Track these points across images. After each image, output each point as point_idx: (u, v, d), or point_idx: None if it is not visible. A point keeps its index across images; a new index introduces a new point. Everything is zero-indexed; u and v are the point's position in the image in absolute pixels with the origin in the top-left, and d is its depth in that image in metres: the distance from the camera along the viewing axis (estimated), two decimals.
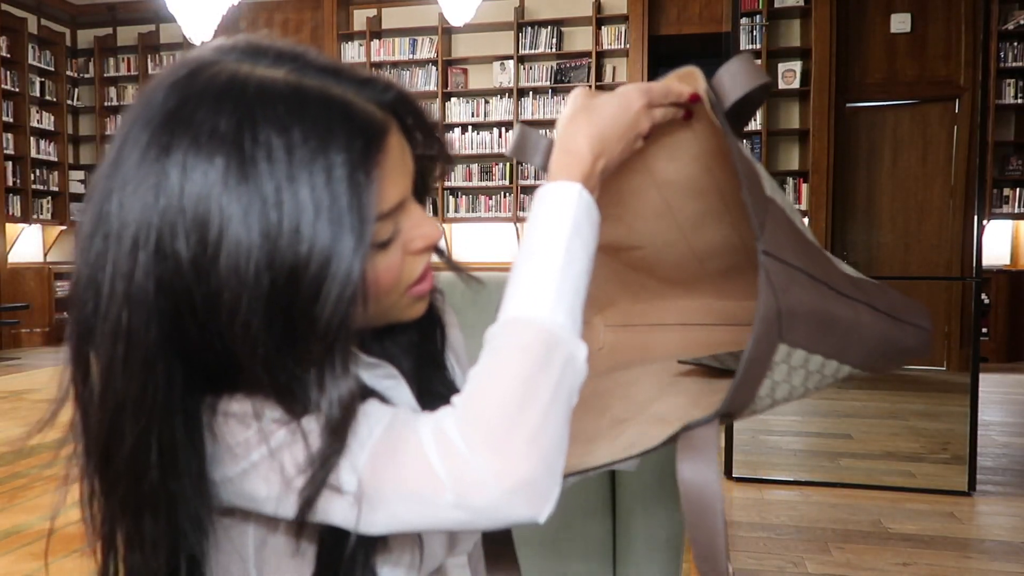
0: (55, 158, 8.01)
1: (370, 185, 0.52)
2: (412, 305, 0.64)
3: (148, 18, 7.87)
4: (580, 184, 0.59)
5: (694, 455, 0.59)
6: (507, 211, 7.14)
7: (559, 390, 0.53)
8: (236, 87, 0.51)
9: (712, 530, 0.58)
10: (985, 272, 5.36)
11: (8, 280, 7.40)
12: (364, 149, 0.52)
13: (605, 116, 0.61)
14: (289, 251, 0.50)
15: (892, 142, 5.66)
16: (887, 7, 5.49)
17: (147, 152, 0.52)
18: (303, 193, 0.50)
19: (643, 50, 6.71)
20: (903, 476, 3.13)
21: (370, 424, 0.54)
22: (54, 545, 2.47)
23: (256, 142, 0.50)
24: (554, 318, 0.54)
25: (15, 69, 7.53)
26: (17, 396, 4.95)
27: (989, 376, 5.11)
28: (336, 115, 0.52)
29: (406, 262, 0.60)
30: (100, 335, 0.54)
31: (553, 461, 0.52)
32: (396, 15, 7.34)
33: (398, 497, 0.52)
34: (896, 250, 5.67)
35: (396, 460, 0.52)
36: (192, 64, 0.54)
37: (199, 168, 0.50)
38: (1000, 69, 5.90)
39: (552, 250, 0.56)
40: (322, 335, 0.51)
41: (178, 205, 0.51)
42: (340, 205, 0.50)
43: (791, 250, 0.61)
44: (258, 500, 0.56)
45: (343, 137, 0.51)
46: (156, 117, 0.53)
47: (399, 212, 0.58)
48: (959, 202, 5.45)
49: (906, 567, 2.31)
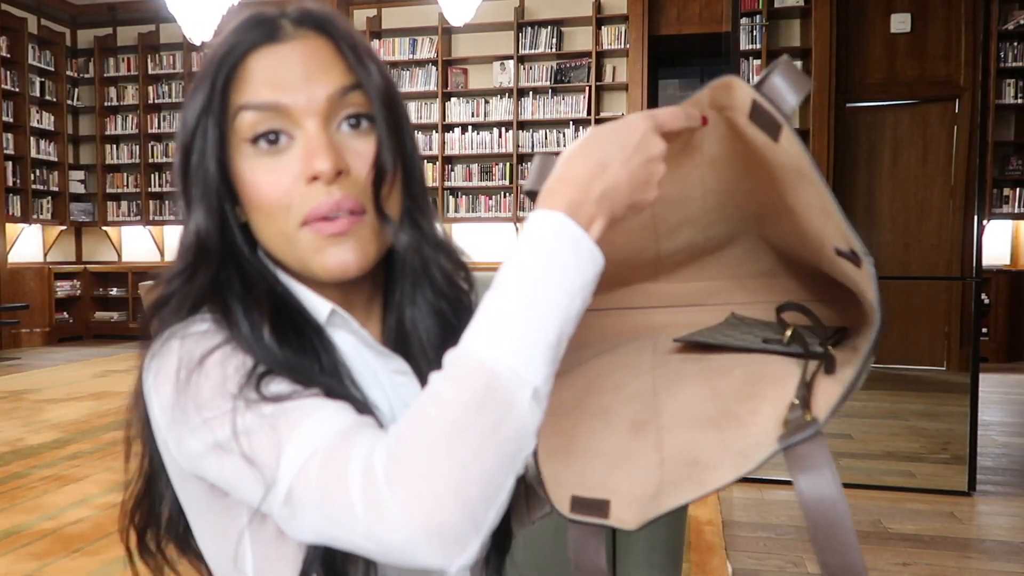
0: (55, 158, 8.01)
1: (238, 71, 0.62)
2: (322, 251, 0.62)
3: (148, 18, 7.87)
4: (563, 213, 0.53)
5: (811, 471, 0.52)
6: (507, 211, 7.15)
7: (495, 434, 0.49)
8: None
9: (847, 548, 0.51)
10: (985, 272, 5.36)
11: (8, 280, 7.40)
12: (243, 45, 0.62)
13: (605, 140, 0.56)
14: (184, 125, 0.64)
15: (892, 142, 5.66)
16: (887, 7, 5.50)
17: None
18: (201, 79, 0.63)
19: (643, 50, 6.71)
20: (903, 476, 3.13)
21: (318, 430, 0.53)
22: (54, 545, 2.47)
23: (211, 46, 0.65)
24: (500, 358, 0.50)
25: (15, 69, 7.54)
26: (17, 396, 4.95)
27: (989, 376, 5.11)
28: (244, 22, 0.64)
29: (297, 187, 0.61)
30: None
31: (476, 508, 0.48)
32: (396, 15, 7.34)
33: (319, 512, 0.51)
34: (896, 250, 5.67)
35: (325, 475, 0.51)
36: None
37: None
38: (1000, 69, 5.90)
39: (515, 285, 0.52)
40: (192, 178, 0.63)
41: None
42: (213, 81, 0.62)
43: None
44: (220, 479, 0.57)
45: (235, 34, 0.63)
46: None
47: (288, 123, 0.61)
48: (959, 202, 5.45)
49: (906, 567, 2.31)
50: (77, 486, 3.04)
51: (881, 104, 5.67)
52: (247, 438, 0.54)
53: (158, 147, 8.09)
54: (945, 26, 5.41)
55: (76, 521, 2.66)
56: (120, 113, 8.23)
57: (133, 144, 8.16)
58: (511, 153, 7.08)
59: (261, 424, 0.54)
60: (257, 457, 0.53)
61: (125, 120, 8.19)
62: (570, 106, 6.95)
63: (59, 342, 7.72)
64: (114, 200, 8.31)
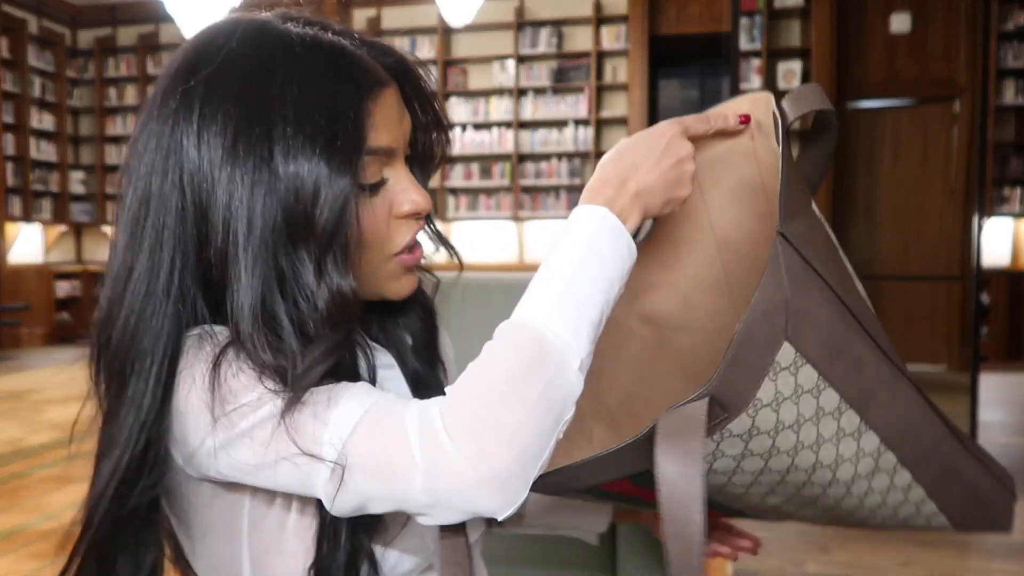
0: (55, 158, 8.01)
1: (365, 117, 0.59)
2: (400, 278, 0.66)
3: (148, 18, 7.87)
4: (604, 208, 0.59)
5: (675, 443, 0.53)
6: (507, 211, 7.14)
7: (546, 393, 0.53)
8: (262, 35, 0.60)
9: (688, 540, 0.53)
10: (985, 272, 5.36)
11: (8, 280, 7.40)
12: (362, 86, 0.60)
13: (636, 145, 0.63)
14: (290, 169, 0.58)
15: (892, 142, 5.66)
16: (887, 7, 5.50)
17: (174, 86, 0.60)
18: (307, 125, 0.58)
19: (643, 50, 6.71)
20: None
21: (357, 402, 0.55)
22: (54, 545, 2.47)
23: (272, 79, 0.58)
24: (550, 324, 0.55)
25: (15, 70, 7.53)
26: (17, 396, 4.95)
27: (989, 376, 5.11)
28: (343, 62, 0.60)
29: (392, 224, 0.64)
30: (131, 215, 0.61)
31: (528, 462, 0.52)
32: (396, 15, 7.34)
33: (371, 473, 0.53)
34: (896, 250, 5.67)
35: (377, 436, 0.54)
36: (236, 20, 0.62)
37: (221, 96, 0.59)
38: (1000, 69, 5.90)
39: (562, 263, 0.57)
40: (319, 235, 0.57)
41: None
42: (336, 128, 0.58)
43: (819, 258, 0.58)
44: (247, 469, 0.57)
45: (346, 78, 0.60)
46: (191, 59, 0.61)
47: (388, 164, 0.63)
48: (959, 202, 5.45)
49: (906, 567, 2.31)
50: (77, 486, 3.04)
51: (881, 104, 5.67)
52: (287, 420, 0.55)
53: None
54: (945, 26, 5.41)
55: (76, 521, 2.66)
56: (120, 114, 8.23)
57: None
58: (511, 153, 7.07)
59: (298, 407, 0.55)
60: (299, 438, 0.54)
61: (125, 121, 8.19)
62: (570, 106, 6.95)
63: (59, 342, 7.72)
64: (114, 200, 8.27)
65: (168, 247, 0.59)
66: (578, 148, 6.92)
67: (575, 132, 6.94)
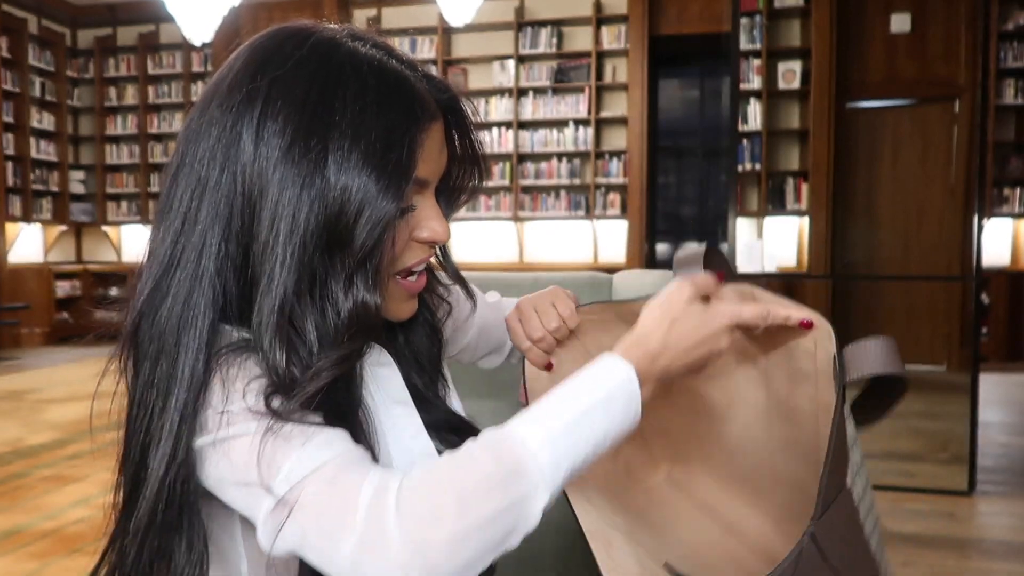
0: (55, 158, 8.01)
1: (417, 147, 0.61)
2: (401, 301, 0.68)
3: (148, 18, 7.87)
4: (634, 369, 0.60)
5: None
6: (507, 211, 7.14)
7: (505, 515, 0.53)
8: (331, 49, 0.62)
9: None
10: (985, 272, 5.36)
11: (8, 280, 7.40)
12: (419, 119, 0.62)
13: (685, 322, 0.63)
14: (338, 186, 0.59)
15: (892, 142, 5.66)
16: (887, 7, 5.49)
17: (240, 82, 0.61)
18: (364, 144, 0.59)
19: (643, 50, 6.71)
20: (903, 476, 3.13)
21: (329, 447, 0.56)
22: (54, 545, 2.47)
23: (336, 95, 0.60)
24: (537, 454, 0.54)
25: (15, 69, 7.54)
26: (17, 396, 4.95)
27: (989, 376, 5.11)
28: (405, 91, 0.62)
29: (408, 245, 0.66)
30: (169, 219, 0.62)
31: (464, 570, 0.52)
32: (396, 15, 7.34)
33: (311, 519, 0.53)
34: (896, 250, 5.67)
35: (331, 486, 0.54)
36: (308, 30, 0.64)
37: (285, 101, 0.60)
38: (1000, 69, 5.90)
39: (574, 402, 0.57)
40: (356, 250, 0.59)
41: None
42: (391, 154, 0.60)
43: (838, 550, 0.59)
44: (215, 478, 0.58)
45: (407, 107, 0.62)
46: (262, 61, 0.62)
47: (420, 192, 0.65)
48: (959, 202, 5.45)
49: (906, 567, 2.31)
50: (77, 486, 3.04)
51: (881, 104, 5.67)
52: (260, 442, 0.55)
53: (158, 147, 8.08)
54: (945, 26, 5.41)
55: (76, 521, 2.66)
56: (120, 113, 8.23)
57: (133, 144, 8.17)
58: (511, 153, 7.07)
59: (270, 434, 0.55)
60: (261, 462, 0.55)
61: (125, 120, 8.19)
62: (570, 106, 6.95)
63: (59, 342, 7.72)
64: (114, 200, 8.31)
65: (217, 237, 0.60)
66: (578, 148, 6.92)
67: (575, 132, 6.94)
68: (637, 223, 6.84)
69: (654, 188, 7.51)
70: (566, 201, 7.01)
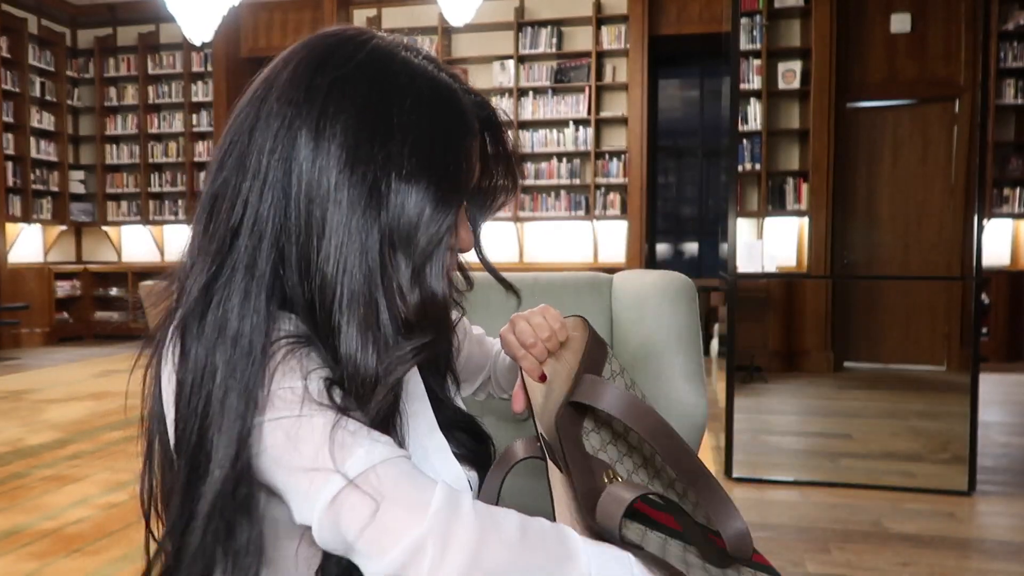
0: (55, 158, 8.01)
1: (471, 156, 0.65)
2: None
3: (148, 18, 7.87)
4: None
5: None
6: (507, 211, 7.14)
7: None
8: (389, 57, 0.64)
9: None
10: (985, 272, 5.37)
11: (8, 280, 7.40)
12: (470, 130, 0.65)
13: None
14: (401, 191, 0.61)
15: (892, 142, 5.66)
16: (887, 7, 5.49)
17: (299, 79, 0.63)
18: (423, 153, 0.61)
19: (643, 50, 6.71)
20: (903, 476, 3.13)
21: (393, 447, 0.58)
22: (54, 545, 2.47)
23: (395, 102, 0.61)
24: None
25: (15, 69, 7.54)
26: (17, 396, 4.95)
27: (989, 376, 5.11)
28: (455, 104, 0.65)
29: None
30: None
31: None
32: (396, 15, 7.34)
33: (386, 504, 0.54)
34: (896, 250, 5.67)
35: (407, 478, 0.56)
36: (367, 34, 0.66)
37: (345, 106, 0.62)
38: (1000, 69, 5.90)
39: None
40: (418, 252, 0.61)
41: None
42: (448, 162, 0.62)
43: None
44: (274, 458, 0.58)
45: (457, 120, 0.64)
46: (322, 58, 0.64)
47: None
48: (959, 202, 5.45)
49: (906, 567, 2.31)
50: (77, 486, 3.04)
51: (881, 104, 5.67)
52: (324, 427, 0.57)
53: (158, 147, 8.08)
54: (945, 26, 5.41)
55: (76, 521, 2.67)
56: (120, 113, 8.23)
57: (133, 144, 8.16)
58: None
59: (339, 426, 0.57)
60: (334, 445, 0.56)
61: (125, 120, 8.19)
62: (570, 106, 6.96)
63: (59, 342, 7.72)
64: (114, 200, 8.32)
65: (275, 228, 0.61)
66: (578, 148, 6.92)
67: (575, 132, 6.94)
68: (637, 223, 6.84)
69: (654, 188, 7.51)
70: (566, 201, 7.01)
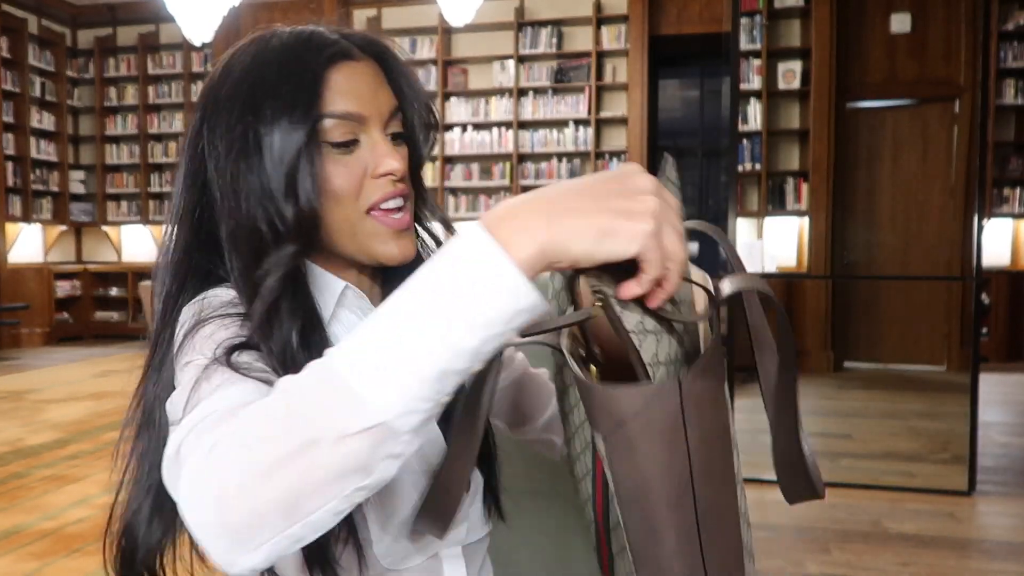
0: (55, 158, 8.01)
1: (319, 80, 0.66)
2: (386, 240, 0.70)
3: (148, 18, 7.87)
4: (482, 227, 0.46)
5: None
6: None
7: (308, 450, 0.44)
8: (253, 38, 0.71)
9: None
10: (985, 272, 5.36)
11: (8, 280, 7.40)
12: (323, 59, 0.67)
13: (593, 193, 0.50)
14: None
15: (892, 142, 5.66)
16: (887, 7, 5.50)
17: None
18: (262, 86, 0.66)
19: (643, 50, 6.71)
20: (903, 476, 3.13)
21: (227, 400, 0.55)
22: (54, 545, 2.47)
23: (240, 67, 0.68)
24: (349, 378, 0.44)
25: (15, 69, 7.54)
26: (17, 396, 4.95)
27: (989, 376, 5.11)
28: (305, 39, 0.69)
29: (366, 182, 0.69)
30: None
31: (265, 516, 0.44)
32: (396, 15, 7.34)
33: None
34: (896, 250, 5.67)
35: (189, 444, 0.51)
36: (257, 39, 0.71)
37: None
38: (1000, 69, 5.90)
39: (398, 306, 0.47)
40: (279, 162, 0.65)
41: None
42: (287, 87, 0.66)
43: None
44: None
45: (311, 50, 0.68)
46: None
47: (362, 130, 0.69)
48: (959, 202, 5.45)
49: (906, 567, 2.31)
50: (77, 486, 3.04)
51: (881, 104, 5.67)
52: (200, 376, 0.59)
53: (158, 147, 8.09)
54: (945, 26, 5.41)
55: (76, 521, 2.66)
56: (120, 113, 8.23)
57: (133, 144, 8.17)
58: (511, 153, 7.07)
59: (202, 379, 0.58)
60: (179, 406, 0.58)
61: (125, 120, 8.19)
62: (570, 106, 6.96)
63: (59, 342, 7.72)
64: (114, 200, 8.32)
65: (189, 214, 0.71)
66: (578, 148, 6.92)
67: (575, 132, 6.94)
68: None
69: None
70: None
